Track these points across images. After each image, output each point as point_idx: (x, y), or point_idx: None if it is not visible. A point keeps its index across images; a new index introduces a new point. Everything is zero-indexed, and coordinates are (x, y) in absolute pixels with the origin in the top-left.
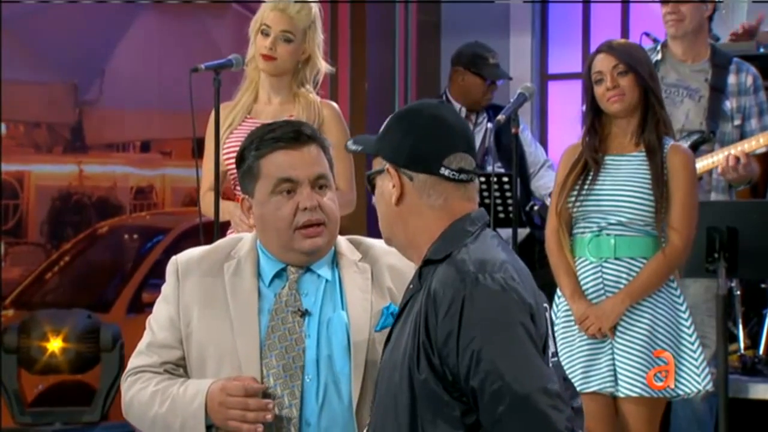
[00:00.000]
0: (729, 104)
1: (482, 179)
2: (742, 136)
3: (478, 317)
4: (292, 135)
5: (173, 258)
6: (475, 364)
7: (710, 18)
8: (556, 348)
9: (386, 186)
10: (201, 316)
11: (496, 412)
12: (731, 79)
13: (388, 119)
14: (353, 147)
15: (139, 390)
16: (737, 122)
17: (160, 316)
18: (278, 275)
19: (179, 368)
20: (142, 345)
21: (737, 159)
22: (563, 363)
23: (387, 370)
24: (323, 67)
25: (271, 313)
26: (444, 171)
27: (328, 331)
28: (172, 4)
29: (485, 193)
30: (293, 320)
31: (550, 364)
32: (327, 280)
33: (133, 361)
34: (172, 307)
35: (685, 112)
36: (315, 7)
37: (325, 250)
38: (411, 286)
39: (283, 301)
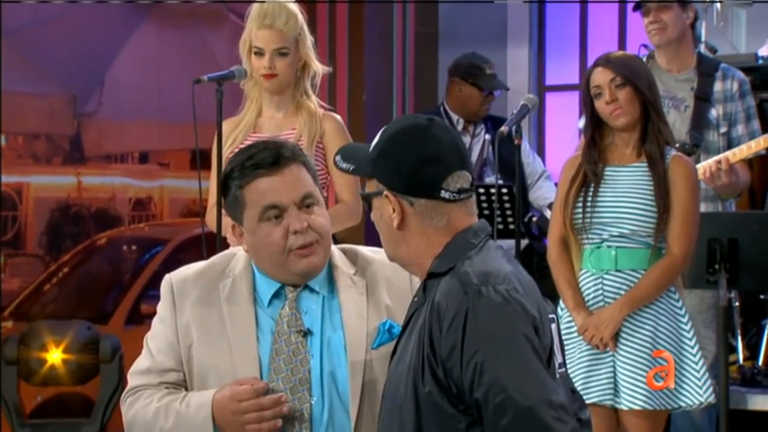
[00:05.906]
0: (715, 112)
1: (482, 191)
2: (729, 143)
3: (482, 330)
4: (272, 159)
5: (167, 277)
6: (478, 376)
7: (692, 26)
8: (564, 359)
9: (386, 209)
10: (200, 339)
11: (500, 425)
12: (717, 86)
13: (379, 137)
14: (343, 165)
15: (142, 408)
16: (723, 129)
17: (159, 339)
18: (276, 295)
19: (181, 388)
20: (141, 366)
21: (718, 164)
22: None
23: (393, 383)
24: (320, 68)
25: (274, 335)
26: (444, 194)
27: (330, 349)
28: (171, 17)
29: (484, 205)
30: (296, 341)
31: (557, 376)
32: (324, 297)
33: (133, 381)
34: (170, 330)
35: (670, 123)
36: (297, 11)
37: (322, 267)
38: (416, 299)
39: (284, 321)
